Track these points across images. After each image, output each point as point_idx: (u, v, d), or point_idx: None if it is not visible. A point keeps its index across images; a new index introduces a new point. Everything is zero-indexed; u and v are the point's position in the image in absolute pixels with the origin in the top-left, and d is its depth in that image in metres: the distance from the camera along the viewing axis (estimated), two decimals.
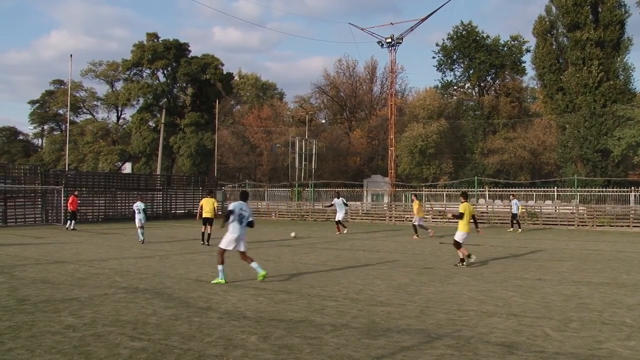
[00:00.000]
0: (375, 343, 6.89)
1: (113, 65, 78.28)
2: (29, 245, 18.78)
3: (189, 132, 60.88)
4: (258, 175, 66.13)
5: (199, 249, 18.77)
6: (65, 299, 9.56)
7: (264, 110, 71.67)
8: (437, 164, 59.70)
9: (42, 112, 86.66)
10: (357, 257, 16.40)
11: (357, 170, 67.40)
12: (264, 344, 6.80)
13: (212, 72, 62.56)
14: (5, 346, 6.67)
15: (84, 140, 75.75)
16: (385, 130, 57.32)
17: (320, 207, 41.97)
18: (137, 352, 6.38)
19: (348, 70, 74.07)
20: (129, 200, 38.82)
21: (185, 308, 8.86)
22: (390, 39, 50.75)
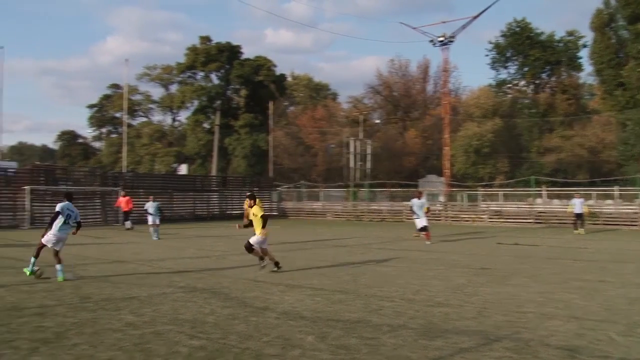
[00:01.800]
0: (433, 344, 6.77)
1: (167, 69, 79.94)
2: (89, 245, 19.30)
3: (243, 133, 61.61)
4: (313, 175, 66.30)
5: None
6: (125, 298, 9.77)
7: (317, 111, 71.80)
8: (492, 163, 58.69)
9: (100, 116, 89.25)
10: (413, 258, 16.23)
11: (412, 170, 66.79)
12: (321, 344, 6.77)
13: (265, 73, 63.17)
14: (70, 341, 6.86)
15: (141, 142, 77.59)
16: (440, 130, 56.55)
17: (375, 207, 41.81)
18: (195, 351, 6.45)
19: (401, 69, 73.58)
20: (186, 201, 39.59)
21: (243, 307, 8.92)
22: (442, 37, 50.04)
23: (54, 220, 11.69)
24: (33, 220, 30.27)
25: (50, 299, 9.65)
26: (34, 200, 30.82)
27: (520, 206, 36.34)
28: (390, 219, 39.01)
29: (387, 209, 41.18)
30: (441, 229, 29.78)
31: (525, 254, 17.39)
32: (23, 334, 7.21)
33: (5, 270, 13.16)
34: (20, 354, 6.35)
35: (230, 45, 63.68)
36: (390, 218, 39.10)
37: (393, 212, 39.72)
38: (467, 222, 35.39)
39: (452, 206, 39.84)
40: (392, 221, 38.04)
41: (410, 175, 62.28)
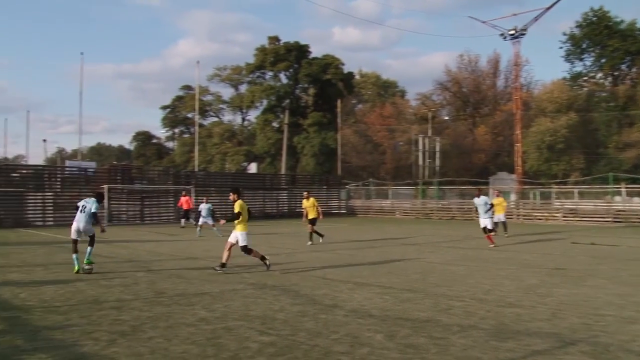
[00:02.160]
0: (504, 346, 6.62)
1: (237, 69, 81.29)
2: (163, 242, 19.87)
3: (312, 131, 61.94)
4: (381, 173, 66.03)
5: (323, 247, 19.00)
6: (198, 293, 10.01)
7: (386, 109, 71.44)
8: (567, 159, 56.79)
9: (173, 117, 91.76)
10: (483, 257, 15.93)
11: (482, 167, 65.50)
12: (389, 342, 6.75)
13: (333, 72, 63.27)
14: (146, 334, 7.10)
15: (212, 142, 79.20)
16: (511, 126, 55.20)
17: (445, 205, 41.29)
18: (265, 347, 6.54)
19: (470, 65, 72.21)
20: (255, 199, 40.17)
21: (312, 305, 8.99)
22: (513, 30, 48.76)
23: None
24: (111, 218, 31.51)
25: (127, 293, 10.01)
26: (112, 198, 32.07)
27: (597, 204, 35.05)
28: (459, 217, 38.42)
29: (456, 206, 40.57)
30: (513, 228, 29.10)
31: (602, 254, 16.77)
32: (102, 326, 7.51)
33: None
34: (100, 345, 6.61)
35: (298, 45, 64.13)
36: (460, 216, 38.51)
37: (463, 210, 39.10)
38: (539, 220, 34.46)
39: (524, 204, 38.83)
40: (462, 219, 37.45)
41: (481, 173, 61.09)
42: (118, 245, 19.53)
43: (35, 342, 6.78)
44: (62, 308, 8.72)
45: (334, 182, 46.61)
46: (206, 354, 6.23)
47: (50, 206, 31.16)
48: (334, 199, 45.13)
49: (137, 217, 33.61)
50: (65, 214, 31.24)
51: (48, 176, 33.31)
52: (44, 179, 32.55)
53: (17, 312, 8.44)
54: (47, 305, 8.91)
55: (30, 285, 10.86)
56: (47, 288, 10.49)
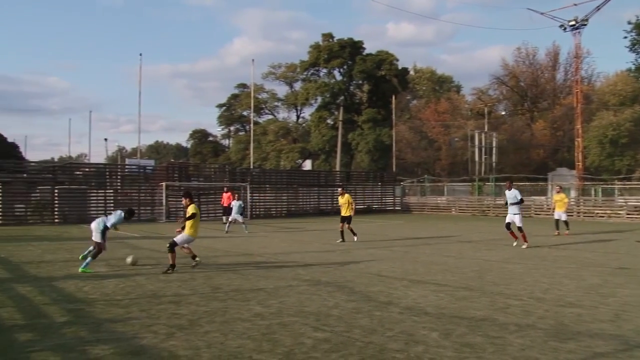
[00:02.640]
0: (564, 347, 6.44)
1: (291, 67, 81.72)
2: (219, 238, 20.15)
3: (366, 128, 61.75)
4: (437, 169, 65.30)
5: (378, 244, 18.96)
6: (253, 289, 10.12)
7: (441, 104, 70.54)
8: (631, 154, 54.82)
9: (228, 115, 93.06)
10: (542, 255, 15.56)
11: (540, 163, 63.97)
12: (445, 341, 6.66)
13: (387, 68, 62.92)
14: (203, 329, 7.23)
15: (267, 139, 79.93)
16: (571, 120, 53.72)
17: (502, 202, 40.56)
18: (320, 343, 6.56)
19: (528, 58, 70.51)
20: (310, 196, 40.35)
21: (367, 302, 8.96)
22: (573, 21, 47.32)
23: None
24: (169, 214, 32.20)
25: (185, 288, 10.20)
26: (170, 195, 32.79)
27: None
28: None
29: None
30: (573, 226, 28.33)
31: None
32: (161, 320, 7.68)
33: (146, 260, 14.07)
34: (158, 338, 6.77)
35: (352, 41, 64.02)
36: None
37: (520, 207, 38.20)
38: (601, 218, 33.40)
39: (585, 201, 37.72)
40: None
41: (539, 169, 59.68)
42: None
43: (98, 333, 7.00)
44: (122, 301, 8.97)
45: (388, 179, 46.33)
46: (261, 349, 6.29)
47: (111, 203, 32.05)
48: (388, 196, 44.88)
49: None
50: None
51: (109, 174, 34.31)
52: (105, 177, 33.52)
53: (80, 305, 8.73)
54: (108, 299, 9.18)
55: (92, 279, 11.21)
56: (108, 282, 10.82)
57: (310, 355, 6.07)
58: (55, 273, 12.03)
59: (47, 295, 9.54)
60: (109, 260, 14.22)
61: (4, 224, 28.18)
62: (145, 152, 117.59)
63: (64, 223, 29.10)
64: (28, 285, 10.53)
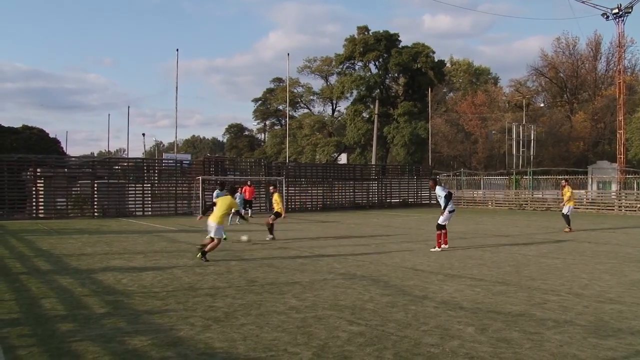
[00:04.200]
0: (604, 344, 6.31)
1: (327, 61, 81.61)
2: (255, 232, 20.21)
3: (402, 121, 61.34)
4: (473, 163, 64.68)
5: (413, 238, 18.88)
6: (288, 282, 10.17)
7: (478, 97, 69.75)
8: None
9: (264, 109, 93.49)
10: (581, 250, 15.28)
11: (580, 156, 62.86)
12: (481, 336, 6.60)
13: (423, 60, 62.30)
14: (238, 321, 7.29)
15: (302, 133, 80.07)
16: (613, 112, 52.61)
17: (539, 196, 39.93)
18: (355, 336, 6.56)
19: (568, 48, 69.24)
20: (346, 190, 40.36)
21: (402, 296, 8.93)
22: (616, 9, 46.13)
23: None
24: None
25: (221, 281, 10.31)
26: (206, 189, 33.13)
27: None
28: (555, 207, 36.99)
29: (552, 197, 39.11)
30: (613, 220, 27.77)
31: None
32: (197, 312, 7.78)
33: (183, 254, 14.27)
34: (195, 330, 6.86)
35: (388, 34, 63.56)
36: (556, 207, 37.06)
37: (559, 201, 37.61)
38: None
39: (627, 195, 36.87)
40: (558, 210, 36.01)
41: (579, 162, 58.64)
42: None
43: (136, 325, 7.13)
44: (160, 294, 9.11)
45: (424, 172, 46.00)
46: (296, 342, 6.32)
47: (149, 197, 32.56)
48: (424, 189, 44.58)
49: None
50: (162, 204, 32.67)
51: (147, 168, 34.85)
52: (143, 171, 34.06)
53: (119, 297, 8.90)
54: (146, 291, 9.34)
55: (131, 271, 11.41)
56: (146, 274, 11.00)
57: (344, 348, 6.08)
58: (95, 265, 12.28)
59: (87, 287, 9.75)
60: (147, 253, 14.46)
61: (46, 217, 28.90)
62: (182, 146, 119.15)
63: (103, 216, 29.69)
64: (69, 277, 10.78)
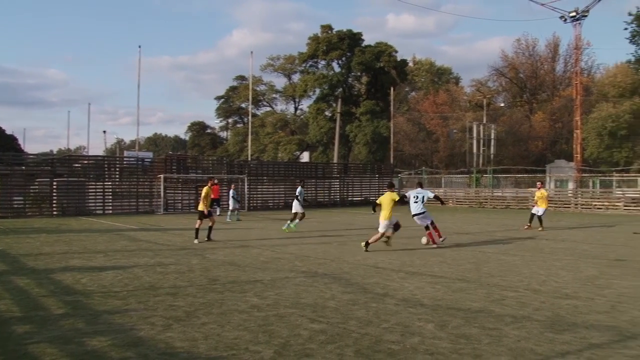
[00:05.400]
0: (560, 338, 6.48)
1: (290, 59, 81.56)
2: (217, 230, 20.09)
3: (364, 120, 61.68)
4: (435, 161, 65.38)
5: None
6: (250, 281, 10.15)
7: (439, 96, 70.52)
8: (629, 146, 54.89)
9: (227, 107, 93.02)
10: (539, 247, 15.60)
11: (538, 155, 64.07)
12: (441, 332, 6.69)
13: (386, 59, 62.78)
14: (200, 320, 7.25)
15: (265, 131, 79.92)
16: (570, 112, 53.70)
17: (499, 194, 40.64)
18: (316, 334, 6.58)
19: (527, 49, 70.46)
20: (308, 188, 40.36)
21: (363, 293, 8.99)
22: (574, 12, 47.18)
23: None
24: (167, 206, 32.24)
25: (182, 280, 10.23)
26: (168, 187, 32.83)
27: None
28: (514, 206, 37.72)
29: (511, 195, 39.84)
30: (571, 217, 28.41)
31: None
32: (158, 312, 7.71)
33: (144, 253, 14.10)
34: (156, 329, 6.80)
35: (351, 33, 63.83)
36: (515, 205, 37.79)
37: (518, 199, 38.37)
38: (599, 210, 33.48)
39: (583, 193, 37.78)
40: (517, 208, 36.75)
41: (537, 161, 59.78)
42: (173, 233, 19.99)
43: (95, 325, 7.02)
44: (120, 293, 8.99)
45: (386, 171, 46.34)
46: (258, 341, 6.32)
47: (110, 195, 32.04)
48: (386, 188, 44.92)
49: (192, 205, 34.21)
50: (123, 202, 32.20)
51: (107, 166, 34.24)
52: (104, 169, 33.49)
53: (78, 297, 8.75)
54: (106, 291, 9.20)
55: (90, 271, 11.23)
56: (106, 274, 10.84)
57: (306, 346, 6.10)
58: (53, 265, 12.04)
59: (45, 288, 9.56)
60: (107, 252, 14.25)
61: (2, 217, 28.17)
62: (143, 144, 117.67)
63: (62, 215, 29.10)
64: (26, 277, 10.55)
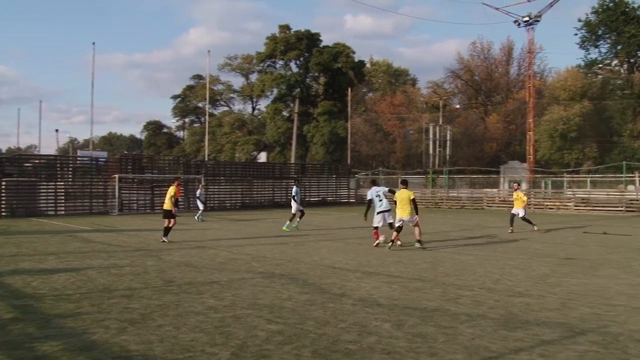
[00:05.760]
0: (513, 335, 6.60)
1: (248, 58, 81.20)
2: (173, 231, 19.90)
3: (322, 120, 61.82)
4: (391, 162, 65.94)
5: (333, 236, 19.04)
6: (206, 282, 10.05)
7: (396, 97, 71.21)
8: (579, 148, 56.47)
9: (184, 106, 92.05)
10: (493, 246, 15.89)
11: (493, 156, 65.29)
12: (397, 331, 6.75)
13: (344, 60, 63.05)
14: (155, 322, 7.14)
15: (222, 131, 79.35)
16: (523, 114, 54.93)
17: (454, 194, 41.21)
18: (273, 335, 6.56)
19: (483, 52, 71.87)
20: (265, 188, 40.28)
21: (320, 294, 9.00)
22: (527, 17, 48.28)
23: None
24: (122, 207, 31.70)
25: (137, 282, 10.07)
26: (123, 187, 32.28)
27: (610, 193, 34.81)
28: (469, 206, 38.32)
29: (466, 196, 40.48)
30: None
31: (614, 244, 16.67)
32: (112, 314, 7.56)
33: (97, 254, 13.83)
34: (110, 333, 6.66)
35: (309, 33, 63.91)
36: (470, 205, 38.40)
37: (473, 199, 39.01)
38: (551, 210, 34.28)
39: (536, 193, 38.65)
40: (472, 209, 37.35)
41: (492, 162, 60.89)
42: (128, 234, 19.67)
43: (46, 330, 6.84)
44: (73, 296, 8.78)
45: (343, 171, 46.55)
46: (214, 342, 6.26)
47: (62, 195, 31.33)
48: (343, 188, 45.12)
49: (147, 206, 33.76)
50: (77, 203, 31.52)
51: (60, 166, 33.48)
52: (56, 169, 32.71)
53: (28, 300, 8.52)
54: (58, 294, 8.98)
55: (41, 273, 10.95)
56: (58, 276, 10.58)
57: (263, 347, 6.07)
58: (1, 268, 11.69)
59: None
60: (60, 253, 13.94)
61: None
62: (97, 143, 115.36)
63: (12, 216, 28.33)
64: None
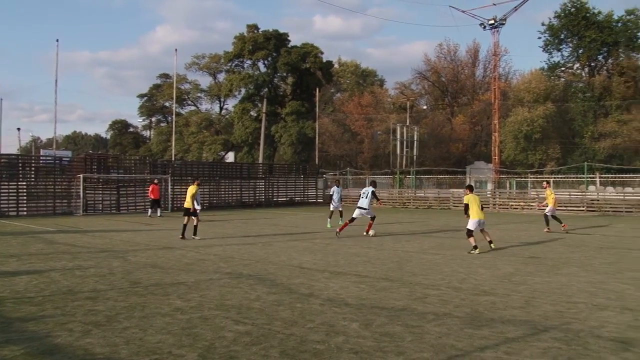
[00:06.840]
0: (479, 333, 6.70)
1: (215, 58, 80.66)
2: (139, 232, 19.75)
3: (290, 120, 61.75)
4: (359, 162, 66.21)
5: (300, 237, 19.05)
6: (173, 283, 9.96)
7: (364, 98, 71.53)
8: (543, 149, 57.48)
9: (150, 105, 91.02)
10: (460, 246, 16.04)
11: (459, 156, 66.07)
12: (365, 331, 6.78)
13: (312, 60, 63.07)
14: (121, 325, 7.06)
15: (189, 131, 78.71)
16: (489, 116, 55.78)
17: (422, 194, 41.56)
18: (241, 336, 6.54)
19: (449, 54, 72.72)
20: (233, 188, 40.08)
21: (288, 294, 9.00)
22: (493, 20, 49.05)
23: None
24: (86, 208, 31.21)
25: (102, 283, 9.93)
26: (87, 188, 31.79)
27: (572, 193, 35.50)
28: (436, 206, 38.70)
29: (433, 196, 40.86)
30: (489, 217, 29.31)
31: (576, 242, 17.02)
32: (77, 317, 7.44)
33: (61, 255, 13.59)
34: (74, 336, 6.55)
35: (277, 33, 63.76)
36: (437, 205, 38.78)
37: (440, 200, 39.40)
38: (515, 209, 34.81)
39: (501, 193, 39.20)
40: (439, 208, 37.73)
41: (458, 162, 61.62)
42: (94, 235, 19.37)
43: (7, 333, 6.69)
44: (35, 299, 8.62)
45: (311, 171, 46.59)
46: (182, 344, 6.21)
47: (24, 196, 30.70)
48: (311, 188, 45.16)
49: (113, 206, 33.32)
50: (39, 203, 30.93)
51: (22, 165, 32.77)
52: (18, 169, 32.03)
53: None
54: (20, 296, 8.81)
55: (2, 276, 10.72)
56: (20, 279, 10.37)
57: (231, 348, 6.05)
58: None
59: None
60: (21, 255, 13.66)
61: None
62: (62, 142, 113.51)
63: None
64: None
